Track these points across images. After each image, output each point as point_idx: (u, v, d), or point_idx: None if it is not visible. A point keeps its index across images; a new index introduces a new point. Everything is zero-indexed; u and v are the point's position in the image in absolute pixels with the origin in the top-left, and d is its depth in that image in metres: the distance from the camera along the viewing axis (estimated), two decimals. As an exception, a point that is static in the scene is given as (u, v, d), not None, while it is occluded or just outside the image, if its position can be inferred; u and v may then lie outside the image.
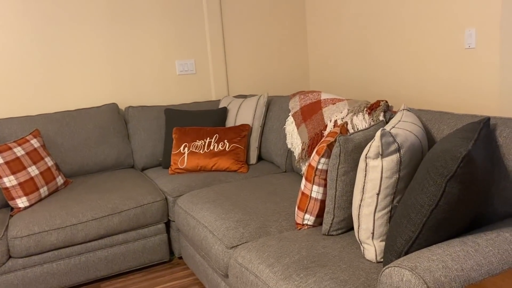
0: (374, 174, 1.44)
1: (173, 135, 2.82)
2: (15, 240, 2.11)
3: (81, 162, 2.81)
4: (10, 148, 2.39)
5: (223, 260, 1.81)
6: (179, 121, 2.94)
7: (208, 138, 2.77)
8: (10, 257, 2.14)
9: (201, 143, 2.75)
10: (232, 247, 1.81)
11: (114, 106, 3.02)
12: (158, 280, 2.41)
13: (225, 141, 2.75)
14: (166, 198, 2.49)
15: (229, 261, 1.77)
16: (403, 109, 1.79)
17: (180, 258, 2.63)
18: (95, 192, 2.46)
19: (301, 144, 2.42)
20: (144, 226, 2.41)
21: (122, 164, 2.96)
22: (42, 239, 2.15)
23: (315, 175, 1.76)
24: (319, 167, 1.74)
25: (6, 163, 2.32)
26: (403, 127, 1.53)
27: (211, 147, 2.74)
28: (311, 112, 2.45)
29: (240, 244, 1.80)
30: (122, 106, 3.17)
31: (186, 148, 2.76)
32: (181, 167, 2.73)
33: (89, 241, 2.27)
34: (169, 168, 2.78)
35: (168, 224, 2.56)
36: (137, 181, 2.62)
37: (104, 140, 2.88)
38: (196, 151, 2.74)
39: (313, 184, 1.77)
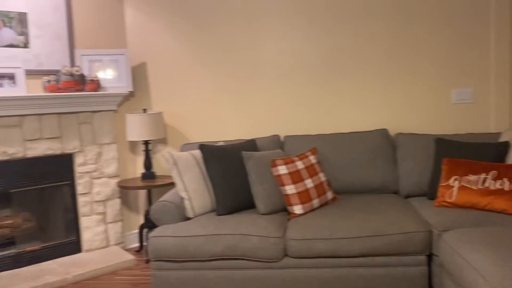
0: None
1: (443, 166, 2.72)
2: (291, 241, 2.44)
3: (349, 181, 3.02)
4: (293, 161, 2.78)
5: (497, 312, 1.64)
6: (450, 152, 2.81)
7: (484, 174, 2.55)
8: (285, 255, 2.49)
9: (475, 179, 2.56)
10: (510, 300, 1.62)
11: (384, 132, 3.13)
12: (413, 313, 2.35)
13: (505, 179, 2.47)
14: (430, 230, 2.41)
15: (505, 314, 1.59)
16: None
17: (439, 296, 2.49)
18: (360, 211, 2.61)
19: None
20: (405, 254, 2.40)
21: (387, 189, 3.03)
22: (312, 245, 2.42)
23: None
24: None
25: (289, 173, 2.71)
26: None
27: (487, 184, 2.51)
28: None
29: (521, 299, 1.59)
30: (392, 132, 3.26)
31: (457, 182, 2.61)
32: (449, 200, 2.60)
33: (352, 256, 2.42)
34: (435, 200, 2.69)
35: (430, 258, 2.47)
36: (401, 208, 2.63)
37: (372, 163, 3.01)
38: (468, 186, 2.56)
39: None
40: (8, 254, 3.14)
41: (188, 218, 2.73)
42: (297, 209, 2.65)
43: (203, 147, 2.82)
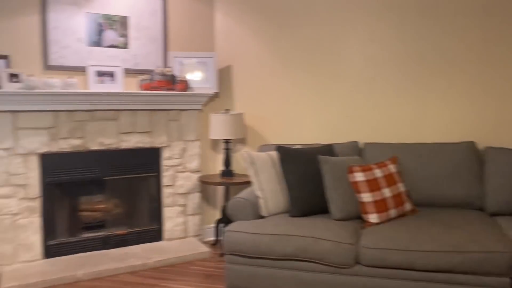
0: None
1: (537, 185, 2.51)
2: (364, 249, 2.41)
3: (429, 194, 2.90)
4: (371, 169, 2.74)
5: None
6: (547, 170, 2.59)
7: None
8: (357, 262, 2.46)
9: None
10: None
11: (471, 145, 2.97)
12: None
13: None
14: (517, 252, 2.25)
15: None
16: None
17: (523, 324, 2.31)
18: (439, 225, 2.50)
19: None
20: (486, 274, 2.26)
21: (470, 205, 2.86)
22: (386, 255, 2.36)
23: None
24: None
25: (367, 181, 2.67)
26: None
27: None
28: None
29: None
30: (481, 145, 3.07)
31: (552, 203, 2.40)
32: (541, 222, 2.40)
33: (428, 271, 2.33)
34: (526, 221, 2.50)
35: (515, 281, 2.30)
36: (485, 226, 2.48)
37: (456, 177, 2.87)
38: None
39: None
40: (98, 235, 3.45)
41: (262, 217, 2.81)
42: (373, 218, 2.61)
43: (280, 148, 2.89)
